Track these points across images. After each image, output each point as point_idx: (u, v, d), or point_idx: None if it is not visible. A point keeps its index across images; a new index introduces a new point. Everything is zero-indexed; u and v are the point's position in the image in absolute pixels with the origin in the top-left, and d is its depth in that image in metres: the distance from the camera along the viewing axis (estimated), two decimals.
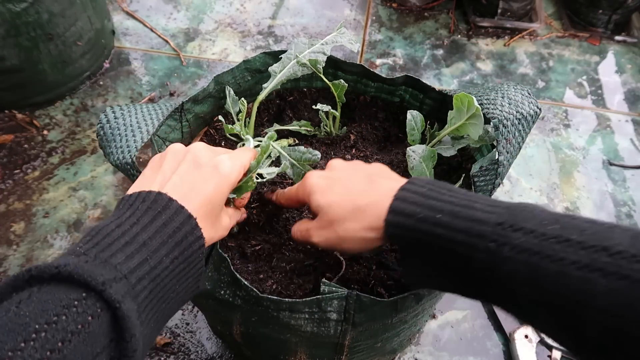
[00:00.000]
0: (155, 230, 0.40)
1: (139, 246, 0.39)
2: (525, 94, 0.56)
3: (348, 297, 0.50)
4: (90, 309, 0.33)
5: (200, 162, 0.47)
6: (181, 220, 0.42)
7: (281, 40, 1.39)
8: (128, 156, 0.52)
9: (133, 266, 0.37)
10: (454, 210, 0.40)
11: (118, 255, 0.37)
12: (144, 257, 0.38)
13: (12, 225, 0.99)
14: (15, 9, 0.99)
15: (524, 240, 0.36)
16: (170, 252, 0.40)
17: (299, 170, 0.64)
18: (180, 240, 0.41)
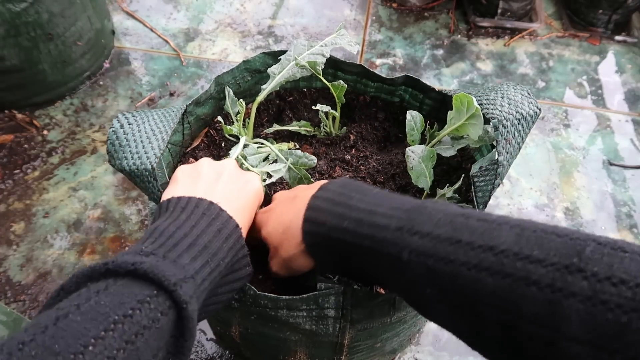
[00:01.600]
0: (213, 235, 0.44)
1: (201, 249, 0.42)
2: (525, 94, 0.56)
3: (345, 293, 0.51)
4: (161, 306, 0.36)
5: (235, 175, 0.53)
6: (231, 229, 0.46)
7: (281, 40, 1.39)
8: (147, 162, 0.52)
9: (198, 267, 0.40)
10: (358, 217, 0.42)
11: (184, 256, 0.40)
12: (206, 260, 0.42)
13: (12, 225, 0.99)
14: (15, 9, 0.99)
15: (420, 244, 0.37)
16: (225, 257, 0.44)
17: (295, 174, 0.64)
18: (231, 247, 0.45)
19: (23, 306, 0.89)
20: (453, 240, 0.36)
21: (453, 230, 0.37)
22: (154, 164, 0.52)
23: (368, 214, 0.42)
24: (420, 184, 0.62)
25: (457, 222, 0.37)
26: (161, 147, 0.54)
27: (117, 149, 0.54)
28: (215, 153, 0.72)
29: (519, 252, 0.33)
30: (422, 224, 0.38)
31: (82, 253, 0.96)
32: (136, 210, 1.02)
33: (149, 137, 0.55)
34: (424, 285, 0.37)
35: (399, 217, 0.40)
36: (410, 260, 0.37)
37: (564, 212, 1.08)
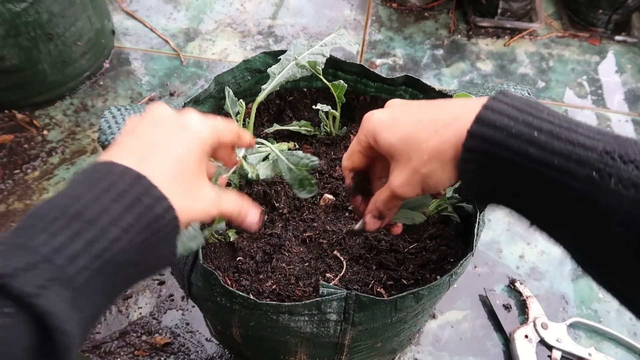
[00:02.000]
0: (92, 197, 0.32)
1: (69, 219, 0.31)
2: (525, 94, 0.56)
3: (347, 298, 0.50)
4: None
5: (162, 120, 0.39)
6: (129, 183, 0.34)
7: (281, 40, 1.39)
8: None
9: (58, 244, 0.30)
10: (554, 130, 0.34)
11: (40, 236, 0.30)
12: (75, 231, 0.31)
13: (12, 225, 0.99)
14: (15, 9, 0.99)
15: (636, 174, 0.31)
16: (117, 220, 0.32)
17: (296, 175, 0.64)
18: (130, 205, 0.33)
19: None
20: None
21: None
22: None
23: (566, 130, 0.34)
24: None
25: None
26: None
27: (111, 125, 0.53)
28: None
29: None
30: (638, 153, 0.32)
31: None
32: None
33: None
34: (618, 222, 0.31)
35: (606, 140, 0.33)
36: (616, 191, 0.31)
37: None
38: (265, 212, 0.65)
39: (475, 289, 0.93)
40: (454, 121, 0.38)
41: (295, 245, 0.63)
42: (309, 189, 0.64)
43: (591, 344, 0.87)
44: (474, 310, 0.91)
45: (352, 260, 0.62)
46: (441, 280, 0.54)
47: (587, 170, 0.32)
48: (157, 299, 0.91)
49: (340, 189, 0.68)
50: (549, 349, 0.84)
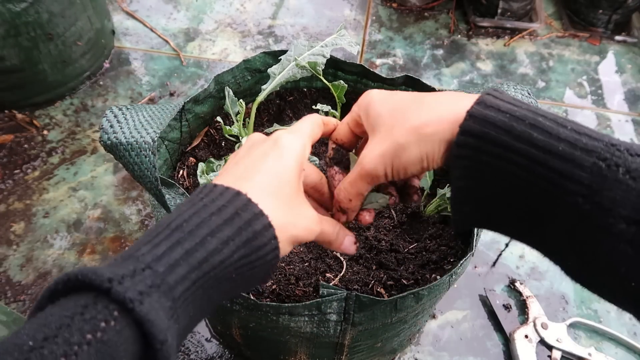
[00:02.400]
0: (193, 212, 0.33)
1: (170, 232, 0.32)
2: (525, 94, 0.56)
3: (347, 298, 0.50)
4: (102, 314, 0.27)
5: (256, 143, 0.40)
6: (228, 199, 0.34)
7: (281, 40, 1.39)
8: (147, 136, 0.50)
9: (160, 253, 0.31)
10: (557, 118, 0.32)
11: (143, 247, 0.31)
12: (174, 241, 0.31)
13: (12, 225, 0.99)
14: (15, 9, 0.99)
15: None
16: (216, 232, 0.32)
17: None
18: (229, 219, 0.33)
19: (23, 306, 0.89)
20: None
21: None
22: (154, 137, 0.51)
23: (569, 122, 0.32)
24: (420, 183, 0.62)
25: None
26: (160, 129, 0.53)
27: (113, 124, 0.53)
28: (216, 152, 0.72)
29: None
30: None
31: (82, 253, 0.96)
32: (136, 210, 1.02)
33: (148, 121, 0.54)
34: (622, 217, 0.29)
35: (610, 136, 0.32)
36: (623, 182, 0.29)
37: None
38: None
39: (475, 289, 0.93)
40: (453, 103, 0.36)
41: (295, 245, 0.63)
42: None
43: (591, 344, 0.87)
44: (474, 310, 0.91)
45: (352, 260, 0.62)
46: (441, 280, 0.54)
47: (594, 158, 0.30)
48: None
49: None
50: (549, 349, 0.84)
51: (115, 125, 0.52)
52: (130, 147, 0.50)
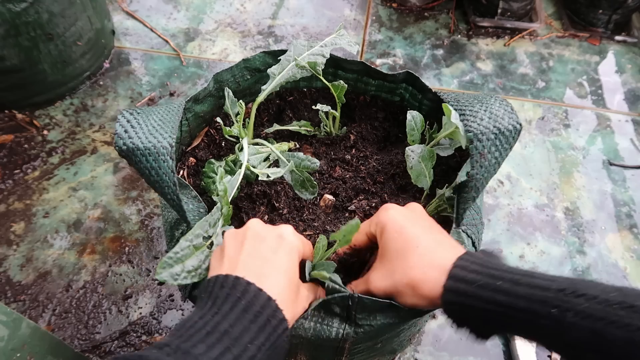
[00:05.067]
0: (235, 317, 0.40)
1: (220, 335, 0.38)
2: (508, 110, 0.56)
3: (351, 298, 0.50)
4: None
5: (262, 235, 0.48)
6: (261, 304, 0.41)
7: (281, 40, 1.39)
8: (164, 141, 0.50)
9: (214, 356, 0.37)
10: (514, 278, 0.40)
11: (199, 346, 0.37)
12: (226, 346, 0.38)
13: (12, 225, 0.99)
14: (15, 9, 0.99)
15: (588, 306, 0.36)
16: (254, 339, 0.39)
17: (298, 176, 0.64)
18: (263, 325, 0.41)
19: (23, 306, 0.89)
20: (625, 304, 0.35)
21: (624, 295, 0.36)
22: (172, 143, 0.51)
23: (524, 276, 0.40)
24: (420, 183, 0.62)
25: (626, 290, 0.36)
26: (174, 132, 0.53)
27: (128, 129, 0.52)
28: (216, 152, 0.72)
29: None
30: (587, 288, 0.37)
31: (82, 253, 0.96)
32: (136, 210, 1.02)
33: (161, 125, 0.54)
34: (586, 349, 0.36)
35: (560, 281, 0.39)
36: (575, 323, 0.36)
37: (564, 212, 1.08)
38: (265, 212, 0.65)
39: None
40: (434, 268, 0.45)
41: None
42: (310, 189, 0.64)
43: None
44: None
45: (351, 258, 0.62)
46: None
47: (547, 308, 0.37)
48: (157, 299, 0.91)
49: (340, 190, 0.68)
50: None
51: (129, 130, 0.52)
52: (148, 152, 0.51)
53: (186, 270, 0.48)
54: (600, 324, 0.35)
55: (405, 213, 0.52)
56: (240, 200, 0.66)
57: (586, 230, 1.05)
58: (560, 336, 0.37)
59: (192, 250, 0.48)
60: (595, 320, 0.35)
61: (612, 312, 0.35)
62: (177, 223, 0.59)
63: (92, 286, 0.92)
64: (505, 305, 0.40)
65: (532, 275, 0.40)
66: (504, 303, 0.40)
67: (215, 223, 0.51)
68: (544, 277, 0.40)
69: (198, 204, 0.57)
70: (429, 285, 0.45)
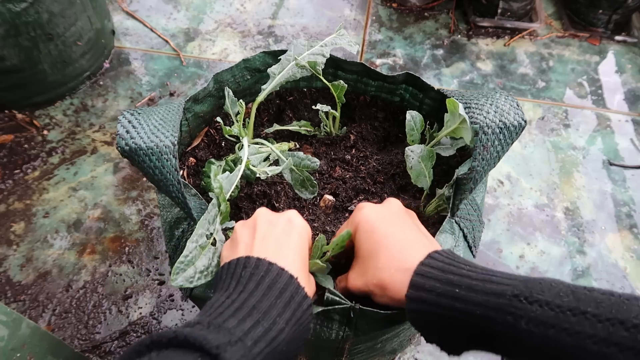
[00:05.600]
0: (262, 293, 0.41)
1: (249, 310, 0.40)
2: (514, 105, 0.56)
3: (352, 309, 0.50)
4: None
5: (273, 220, 0.50)
6: (285, 282, 0.43)
7: (281, 40, 1.39)
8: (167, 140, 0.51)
9: (246, 328, 0.38)
10: (471, 284, 0.41)
11: (230, 320, 0.38)
12: (256, 319, 0.39)
13: (12, 225, 0.99)
14: (15, 9, 0.99)
15: (540, 313, 0.36)
16: (282, 314, 0.41)
17: (298, 176, 0.64)
18: (288, 302, 0.42)
19: (23, 306, 0.89)
20: (577, 311, 0.35)
21: (577, 301, 0.36)
22: (174, 141, 0.52)
23: (481, 282, 0.40)
24: (419, 183, 0.62)
25: (579, 294, 0.36)
26: (175, 132, 0.53)
27: (129, 130, 0.52)
28: (216, 152, 0.72)
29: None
30: (541, 292, 0.37)
31: (82, 253, 0.96)
32: (136, 210, 1.02)
33: (162, 124, 0.55)
34: (540, 356, 0.36)
35: (515, 285, 0.38)
36: (529, 330, 0.36)
37: (564, 212, 1.08)
38: None
39: None
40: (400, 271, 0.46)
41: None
42: (310, 189, 0.64)
43: None
44: None
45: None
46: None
47: (502, 315, 0.38)
48: (157, 299, 0.91)
49: (340, 190, 0.68)
50: None
51: (131, 130, 0.52)
52: (150, 151, 0.51)
53: (199, 271, 0.48)
54: (552, 332, 0.35)
55: (379, 211, 0.52)
56: (240, 200, 0.66)
57: (586, 230, 1.05)
58: (516, 344, 0.37)
59: (199, 251, 0.49)
60: (548, 327, 0.35)
61: (564, 318, 0.35)
62: (176, 222, 0.59)
63: (92, 286, 0.92)
64: (464, 312, 0.40)
65: (490, 279, 0.40)
66: (462, 310, 0.40)
67: (214, 220, 0.51)
68: (502, 279, 0.40)
69: (199, 201, 0.58)
70: (396, 287, 0.46)
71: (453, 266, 0.44)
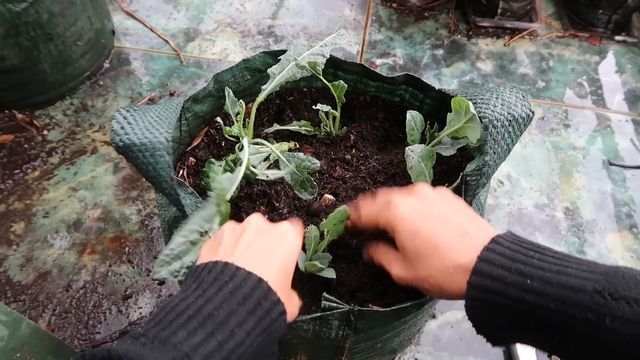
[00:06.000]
0: (222, 300, 0.37)
1: (203, 319, 0.35)
2: (520, 97, 0.56)
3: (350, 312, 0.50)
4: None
5: (264, 229, 0.46)
6: (251, 286, 0.38)
7: (281, 40, 1.39)
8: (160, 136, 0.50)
9: (196, 343, 0.33)
10: (545, 276, 0.38)
11: (179, 333, 0.34)
12: (209, 332, 0.34)
13: (12, 225, 0.99)
14: (15, 9, 0.99)
15: (628, 311, 0.34)
16: (242, 323, 0.36)
17: (298, 177, 0.64)
18: (253, 309, 0.37)
19: (23, 306, 0.89)
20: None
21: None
22: (168, 138, 0.51)
23: (556, 274, 0.37)
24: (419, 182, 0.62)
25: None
26: (171, 128, 0.53)
27: (124, 126, 0.52)
28: (216, 152, 0.72)
29: None
30: (626, 288, 0.35)
31: (82, 253, 0.96)
32: (136, 210, 1.02)
33: (157, 121, 0.54)
34: (627, 356, 0.34)
35: (596, 279, 0.36)
36: (614, 329, 0.34)
37: (564, 212, 1.08)
38: (265, 212, 0.65)
39: None
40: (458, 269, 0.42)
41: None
42: (310, 190, 0.64)
43: None
44: None
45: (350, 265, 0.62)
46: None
47: (583, 311, 0.35)
48: (157, 299, 0.91)
49: (340, 189, 0.68)
50: None
51: (126, 126, 0.52)
52: (144, 147, 0.50)
53: (185, 267, 0.47)
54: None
55: (415, 206, 0.48)
56: (240, 200, 0.66)
57: (586, 230, 1.05)
58: (596, 343, 0.35)
59: (189, 247, 0.48)
60: (637, 325, 0.33)
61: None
62: (175, 221, 0.59)
63: (92, 286, 0.92)
64: (535, 306, 0.37)
65: (566, 271, 0.37)
66: (534, 304, 0.37)
67: (211, 218, 0.51)
68: (580, 272, 0.37)
69: (195, 199, 0.58)
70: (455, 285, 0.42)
71: (521, 254, 0.40)
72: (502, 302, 0.38)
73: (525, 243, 0.41)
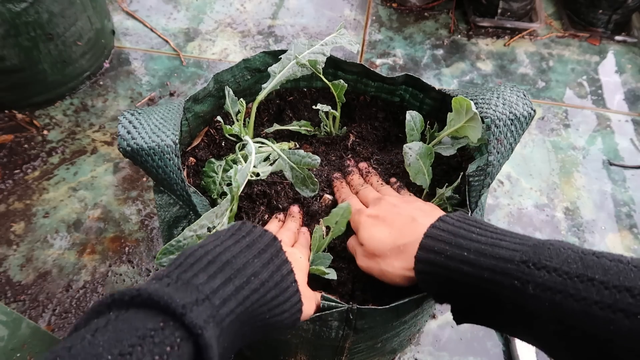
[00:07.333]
0: (239, 250, 0.39)
1: (222, 265, 0.37)
2: (521, 96, 0.56)
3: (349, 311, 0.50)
4: (169, 339, 0.31)
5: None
6: (266, 242, 0.42)
7: (281, 40, 1.39)
8: (168, 139, 0.51)
9: (216, 286, 0.36)
10: (480, 248, 0.41)
11: (200, 275, 0.36)
12: (227, 277, 0.37)
13: (12, 225, 0.99)
14: (15, 9, 0.99)
15: (547, 279, 0.36)
16: (257, 273, 0.39)
17: (298, 174, 0.64)
18: (267, 263, 0.40)
19: (23, 306, 0.89)
20: (584, 277, 0.35)
21: (584, 267, 0.36)
22: (175, 140, 0.52)
23: (490, 246, 0.41)
24: (418, 181, 0.62)
25: (587, 260, 0.37)
26: (176, 131, 0.53)
27: (130, 130, 0.52)
28: (216, 152, 0.72)
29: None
30: (549, 258, 0.37)
31: (82, 253, 0.96)
32: (136, 210, 1.02)
33: (163, 124, 0.55)
34: (547, 321, 0.37)
35: (524, 250, 0.39)
36: (536, 295, 0.37)
37: (564, 212, 1.08)
38: (265, 212, 0.65)
39: None
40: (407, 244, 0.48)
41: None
42: (311, 187, 0.64)
43: None
44: None
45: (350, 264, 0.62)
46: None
47: (510, 279, 0.38)
48: None
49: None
50: None
51: (132, 131, 0.52)
52: (152, 151, 0.51)
53: None
54: (559, 297, 0.36)
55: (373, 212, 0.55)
56: (240, 200, 0.66)
57: (586, 230, 1.05)
58: (522, 309, 0.38)
59: (194, 240, 0.49)
60: (554, 292, 0.36)
61: (571, 284, 0.35)
62: (175, 221, 0.59)
63: (92, 286, 0.92)
64: (471, 276, 0.41)
65: (499, 244, 0.41)
66: (470, 274, 0.41)
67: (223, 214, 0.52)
68: (511, 244, 0.40)
69: (200, 198, 0.58)
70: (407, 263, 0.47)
71: (463, 229, 0.44)
72: (444, 274, 0.43)
73: (470, 220, 0.46)
